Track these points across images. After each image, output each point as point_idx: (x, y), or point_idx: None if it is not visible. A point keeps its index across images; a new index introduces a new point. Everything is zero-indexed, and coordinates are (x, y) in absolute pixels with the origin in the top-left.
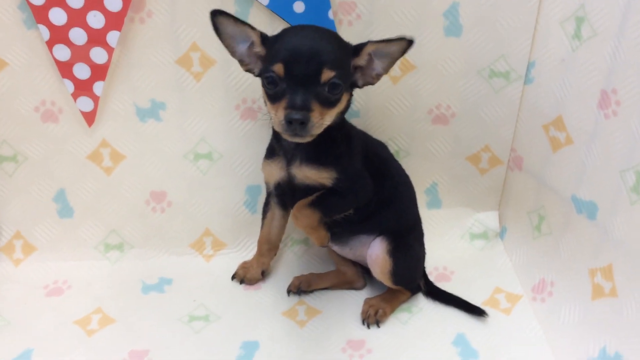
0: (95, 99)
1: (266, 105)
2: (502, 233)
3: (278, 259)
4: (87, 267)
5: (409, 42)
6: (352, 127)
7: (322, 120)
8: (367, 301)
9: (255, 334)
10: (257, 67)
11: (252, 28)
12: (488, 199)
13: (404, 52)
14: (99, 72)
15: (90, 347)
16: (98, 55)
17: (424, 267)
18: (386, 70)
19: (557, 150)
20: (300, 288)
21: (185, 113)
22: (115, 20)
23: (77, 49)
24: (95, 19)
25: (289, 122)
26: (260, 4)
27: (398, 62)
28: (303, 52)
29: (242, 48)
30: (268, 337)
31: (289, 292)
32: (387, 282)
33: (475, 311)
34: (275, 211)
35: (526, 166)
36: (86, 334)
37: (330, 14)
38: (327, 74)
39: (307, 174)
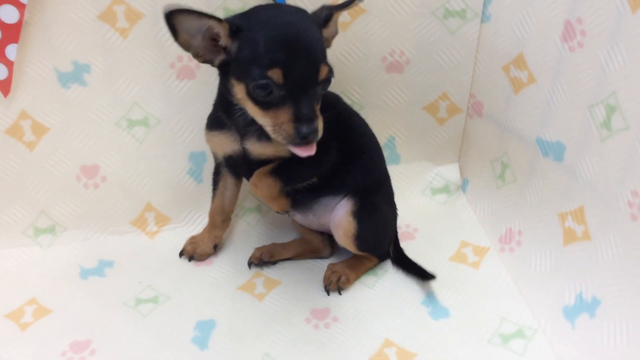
0: (9, 65)
1: (227, 90)
2: (464, 186)
3: (229, 231)
4: (17, 254)
5: None
6: None
7: (321, 119)
8: (330, 267)
9: (210, 312)
10: (218, 59)
11: (218, 20)
12: (448, 151)
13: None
14: (11, 33)
15: (25, 342)
16: (7, 13)
17: (396, 231)
18: (337, 29)
19: (519, 91)
20: (261, 259)
21: (114, 75)
22: None
23: None
24: None
25: (303, 137)
26: None
27: None
28: (300, 50)
29: (197, 40)
30: (224, 314)
31: (250, 264)
32: (351, 247)
33: (425, 276)
34: (227, 179)
35: (487, 112)
36: (19, 328)
37: None
38: (324, 71)
39: (265, 150)
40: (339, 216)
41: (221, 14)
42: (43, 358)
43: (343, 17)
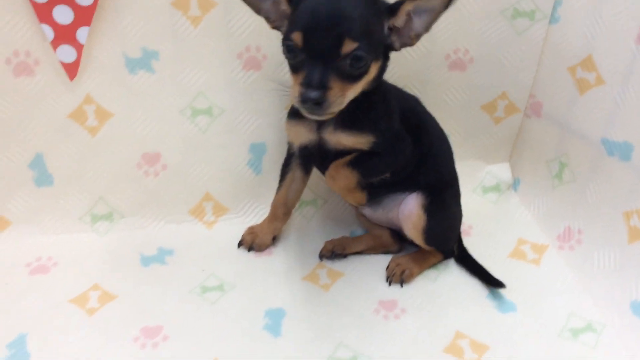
0: (79, 48)
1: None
2: (515, 185)
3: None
4: (73, 241)
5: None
6: (386, 85)
7: (342, 97)
8: (394, 259)
9: (278, 301)
10: (284, 25)
11: None
12: (500, 150)
13: (447, 5)
14: (84, 15)
15: (93, 327)
16: None
17: (460, 231)
18: (427, 28)
19: (585, 92)
20: (334, 252)
21: (181, 63)
22: None
23: None
24: None
25: (303, 101)
26: None
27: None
28: (323, 20)
29: (266, 4)
30: (292, 303)
31: (321, 256)
32: (420, 241)
33: (495, 283)
34: (296, 173)
35: (546, 112)
36: (86, 313)
37: None
38: (349, 46)
39: (342, 140)
40: (409, 209)
41: None
42: (115, 343)
43: None
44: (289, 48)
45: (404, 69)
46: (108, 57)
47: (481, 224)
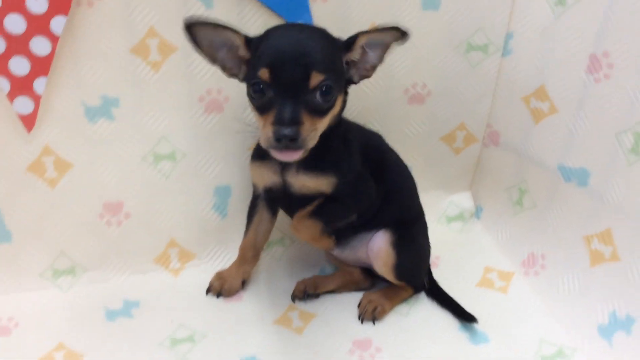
0: (36, 99)
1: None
2: (477, 212)
3: None
4: (35, 298)
5: (403, 33)
6: (347, 123)
7: (315, 131)
8: (366, 295)
9: (251, 348)
10: (242, 72)
11: (235, 31)
12: (460, 180)
13: (397, 40)
14: (41, 65)
15: None
16: (40, 45)
17: (429, 264)
18: (381, 59)
19: (539, 120)
20: (306, 292)
21: (143, 109)
22: (60, 3)
23: (14, 40)
24: (37, 3)
25: (278, 139)
26: None
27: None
28: (288, 55)
29: (222, 53)
30: (266, 349)
31: (293, 298)
32: (390, 277)
33: (467, 317)
34: (264, 214)
35: (503, 141)
36: None
37: None
38: (317, 78)
39: (305, 182)
40: (378, 247)
41: None
42: None
43: None
44: (255, 87)
45: (364, 105)
46: (67, 106)
47: (448, 254)
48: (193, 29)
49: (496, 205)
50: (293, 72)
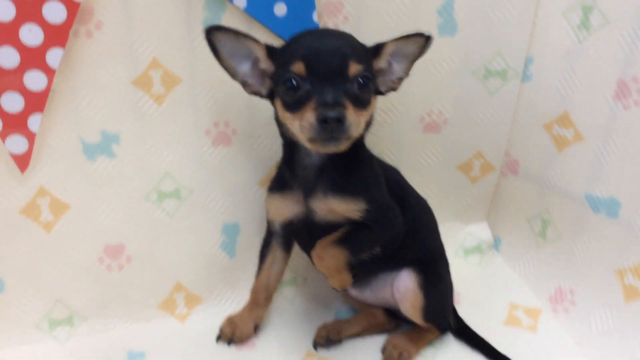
0: (31, 137)
1: (279, 123)
2: (496, 244)
3: None
4: (30, 351)
5: (427, 38)
6: (368, 150)
7: (358, 121)
8: (390, 340)
9: None
10: (265, 87)
11: (256, 41)
12: (477, 210)
13: (422, 50)
14: (36, 102)
15: None
16: (35, 80)
17: (453, 302)
18: (407, 72)
19: (563, 148)
20: (329, 338)
21: (145, 144)
22: (57, 35)
23: (7, 74)
24: (31, 34)
25: (323, 121)
26: (235, 7)
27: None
28: (324, 47)
29: (244, 67)
30: None
31: (315, 345)
32: (418, 319)
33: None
34: (277, 253)
35: (523, 170)
36: None
37: (315, 16)
38: (355, 67)
39: (333, 206)
40: (405, 288)
41: None
42: None
43: None
44: (289, 84)
45: (377, 133)
46: (64, 144)
47: (469, 290)
48: (213, 36)
49: (517, 237)
50: (331, 61)
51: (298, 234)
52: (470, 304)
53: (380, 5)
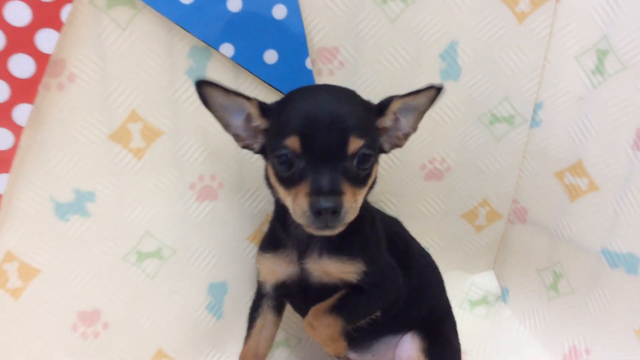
0: None
1: (272, 187)
2: (503, 296)
3: None
4: None
5: (438, 90)
6: (369, 204)
7: (355, 203)
8: None
9: None
10: (258, 143)
11: (247, 98)
12: (483, 259)
13: (432, 102)
14: (2, 161)
15: None
16: (0, 138)
17: None
18: (415, 127)
19: (576, 198)
20: None
21: (123, 202)
22: (24, 90)
23: None
24: None
25: (317, 212)
26: (222, 55)
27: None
28: (322, 118)
29: (237, 121)
30: None
31: None
32: None
33: None
34: (268, 316)
35: (532, 218)
36: None
37: (308, 63)
38: (355, 144)
39: (329, 268)
40: (407, 355)
41: None
42: None
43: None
44: (282, 159)
45: (377, 182)
46: (32, 204)
47: (476, 348)
48: (204, 89)
49: (526, 288)
50: (328, 138)
51: (291, 296)
52: None
53: (379, 49)
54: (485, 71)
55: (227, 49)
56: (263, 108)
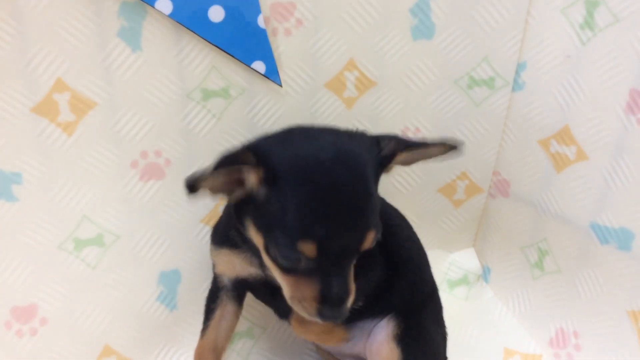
0: None
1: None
2: (485, 275)
3: None
4: None
5: (452, 147)
6: None
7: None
8: None
9: None
10: (236, 194)
11: (253, 165)
12: (462, 236)
13: (441, 156)
14: None
15: None
16: None
17: (446, 355)
18: (408, 165)
19: (563, 169)
20: None
21: (55, 184)
22: None
23: None
24: None
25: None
26: (159, 13)
27: None
28: (343, 220)
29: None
30: None
31: None
32: None
33: None
34: (227, 307)
35: (515, 191)
36: None
37: (261, 21)
38: (371, 238)
39: None
40: (378, 342)
41: (199, 95)
42: None
43: (349, 91)
44: (291, 258)
45: None
46: None
47: (456, 332)
48: (198, 184)
49: (509, 267)
50: (348, 243)
51: (254, 290)
52: (459, 348)
53: (341, 4)
54: (461, 28)
55: (164, 4)
56: (268, 177)
